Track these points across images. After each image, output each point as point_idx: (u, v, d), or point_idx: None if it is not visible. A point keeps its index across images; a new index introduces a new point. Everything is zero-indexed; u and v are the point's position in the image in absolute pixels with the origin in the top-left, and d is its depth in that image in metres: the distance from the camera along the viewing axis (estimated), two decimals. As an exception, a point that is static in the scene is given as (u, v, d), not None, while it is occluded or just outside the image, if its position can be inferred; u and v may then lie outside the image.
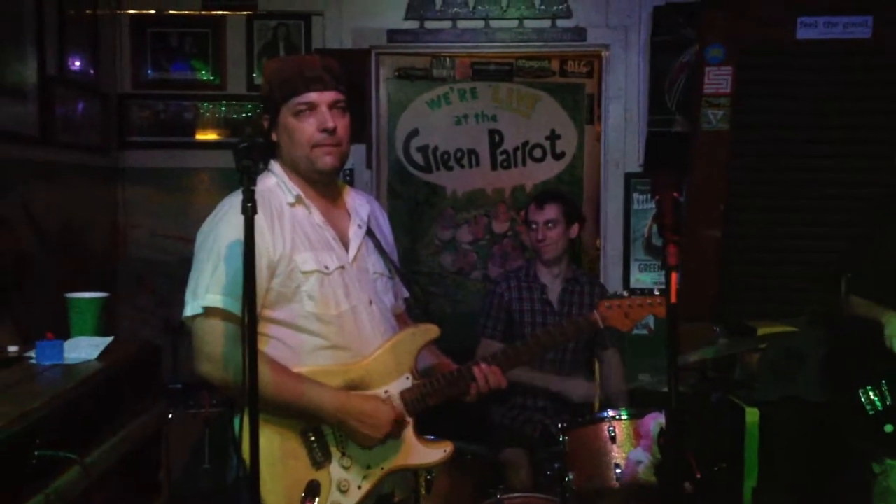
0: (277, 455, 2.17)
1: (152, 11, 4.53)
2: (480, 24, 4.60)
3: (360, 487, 2.23)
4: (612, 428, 3.04)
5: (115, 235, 4.51)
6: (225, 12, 4.54)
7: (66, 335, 3.02)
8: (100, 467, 2.50)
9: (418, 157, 5.04)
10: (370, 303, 2.32)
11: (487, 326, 3.75)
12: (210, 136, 4.61)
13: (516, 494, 3.08)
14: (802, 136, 4.39)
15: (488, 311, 3.78)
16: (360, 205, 2.44)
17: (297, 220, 2.26)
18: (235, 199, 2.16)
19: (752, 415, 3.53)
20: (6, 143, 3.40)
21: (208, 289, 2.15)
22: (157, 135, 4.59)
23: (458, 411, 2.50)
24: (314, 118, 2.24)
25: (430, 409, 2.37)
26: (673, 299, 1.74)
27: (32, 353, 2.82)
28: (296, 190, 2.29)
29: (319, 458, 2.21)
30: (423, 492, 3.05)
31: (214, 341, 2.15)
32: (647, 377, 4.33)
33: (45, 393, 2.40)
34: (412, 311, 2.67)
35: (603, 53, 4.68)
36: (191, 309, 2.17)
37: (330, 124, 2.23)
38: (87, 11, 4.18)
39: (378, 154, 4.83)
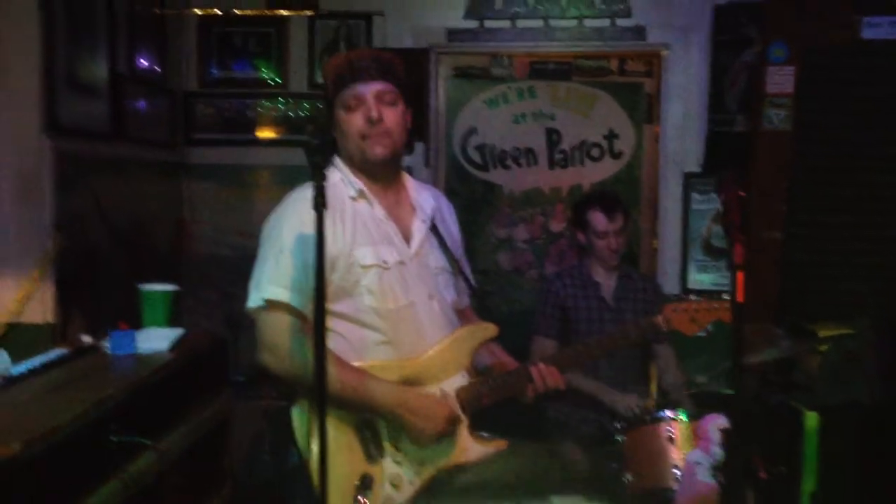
0: (332, 447, 2.16)
1: (218, 11, 4.62)
2: (540, 23, 4.61)
3: (412, 483, 2.24)
4: (670, 429, 3.04)
5: (181, 230, 4.60)
6: (288, 12, 4.61)
7: (135, 326, 3.11)
8: (172, 454, 2.57)
9: (476, 156, 5.06)
10: (430, 298, 2.33)
11: (542, 324, 3.77)
12: (271, 133, 4.69)
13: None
14: (866, 137, 4.31)
15: (542, 309, 3.80)
16: (424, 199, 2.45)
17: (358, 215, 2.29)
18: (301, 193, 2.24)
19: (811, 419, 3.49)
20: (79, 138, 3.49)
21: (271, 281, 2.20)
22: (220, 132, 4.68)
23: (512, 407, 2.52)
24: (362, 110, 2.27)
25: (486, 408, 2.38)
26: (740, 298, 1.75)
27: (106, 343, 2.91)
28: (358, 184, 2.32)
29: (373, 453, 2.23)
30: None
31: (275, 333, 2.19)
32: (705, 378, 4.31)
33: (119, 381, 2.48)
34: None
35: (663, 52, 4.66)
36: (253, 301, 2.23)
37: (374, 114, 2.25)
38: (156, 10, 4.28)
39: (436, 152, 4.86)
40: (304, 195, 2.23)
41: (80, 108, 3.50)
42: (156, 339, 2.92)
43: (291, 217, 2.24)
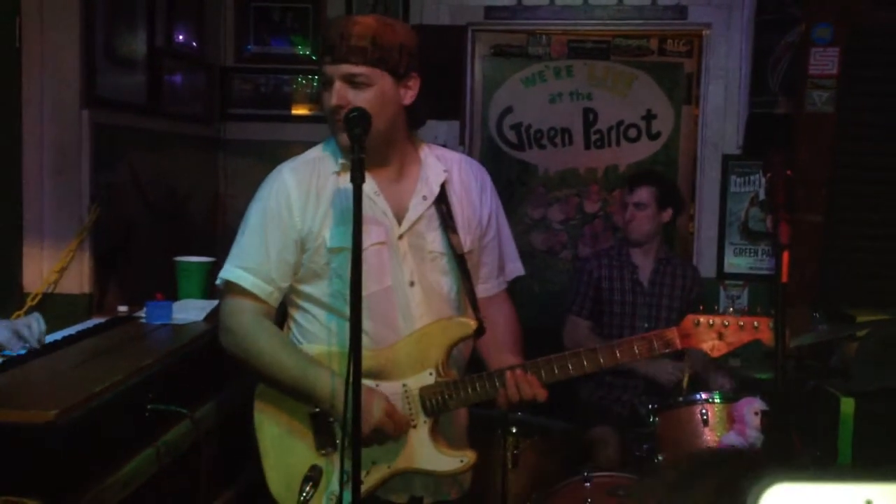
0: (285, 433, 2.16)
1: (256, -14, 4.61)
2: (579, 1, 4.55)
3: (361, 482, 2.02)
4: (704, 411, 3.02)
5: (216, 204, 4.62)
6: (325, -13, 4.59)
7: (171, 298, 3.12)
8: (206, 423, 2.59)
9: (511, 135, 5.03)
10: (411, 284, 2.18)
11: (575, 303, 3.76)
12: (307, 109, 4.68)
13: (604, 473, 3.06)
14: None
15: (577, 287, 3.79)
16: (435, 173, 2.25)
17: (339, 191, 2.16)
18: (278, 168, 2.26)
19: (847, 405, 3.44)
20: (117, 111, 3.51)
21: (232, 260, 2.19)
22: (256, 107, 4.68)
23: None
24: (331, 90, 2.11)
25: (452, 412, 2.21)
26: (784, 279, 1.72)
27: (142, 313, 2.93)
28: (343, 158, 2.17)
29: (325, 444, 2.13)
30: (510, 466, 3.07)
31: (230, 316, 2.18)
32: (738, 362, 4.27)
33: (155, 350, 2.50)
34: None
35: (704, 32, 4.59)
36: (218, 277, 2.23)
37: (333, 101, 2.08)
38: (194, -15, 4.28)
39: (471, 131, 4.84)
40: (277, 171, 2.24)
41: (118, 81, 3.52)
42: (191, 310, 2.94)
43: (262, 197, 2.23)
